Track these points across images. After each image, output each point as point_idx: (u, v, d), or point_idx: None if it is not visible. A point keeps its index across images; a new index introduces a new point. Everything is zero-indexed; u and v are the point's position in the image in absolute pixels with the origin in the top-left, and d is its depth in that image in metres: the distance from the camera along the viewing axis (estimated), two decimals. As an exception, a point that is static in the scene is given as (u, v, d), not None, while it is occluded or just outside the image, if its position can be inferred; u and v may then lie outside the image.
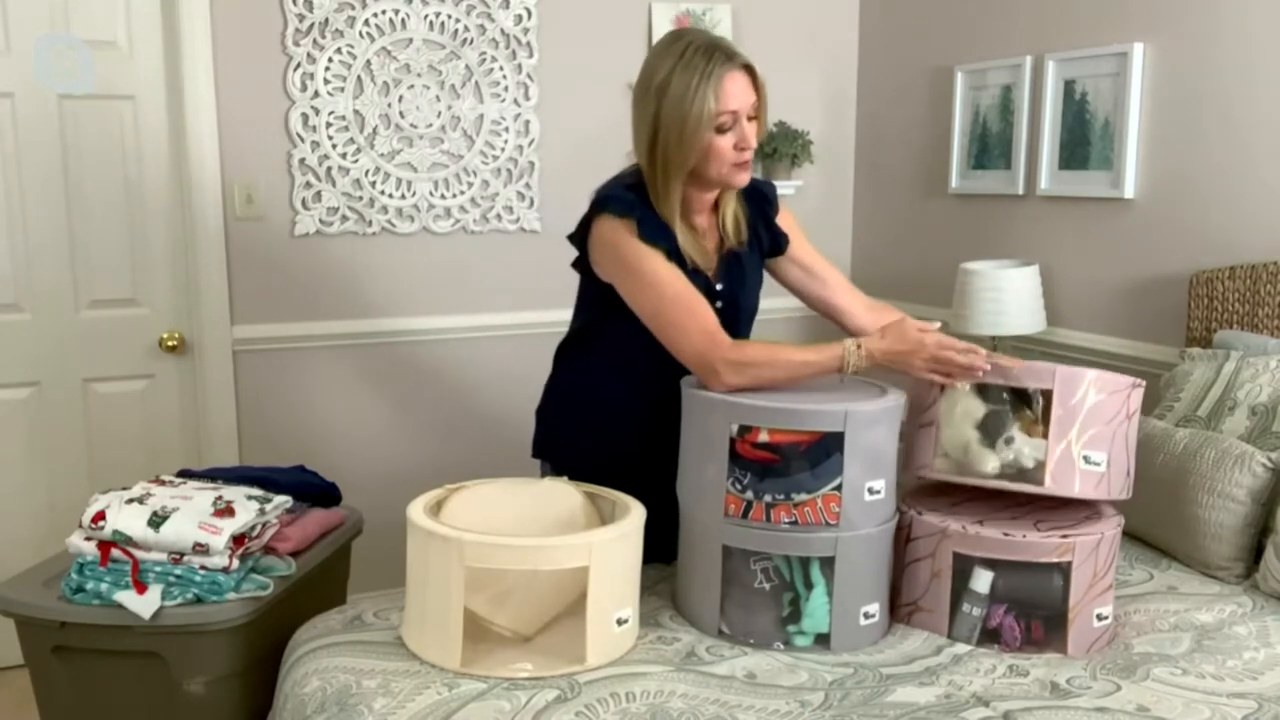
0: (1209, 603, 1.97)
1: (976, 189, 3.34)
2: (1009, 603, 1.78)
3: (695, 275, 1.93)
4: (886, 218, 3.78)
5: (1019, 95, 3.15)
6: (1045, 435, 1.78)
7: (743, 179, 1.91)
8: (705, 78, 1.79)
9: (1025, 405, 1.82)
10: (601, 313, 2.00)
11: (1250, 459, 2.08)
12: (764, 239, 2.08)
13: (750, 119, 1.86)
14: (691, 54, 1.81)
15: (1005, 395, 1.82)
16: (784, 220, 2.11)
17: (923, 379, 1.85)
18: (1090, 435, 1.78)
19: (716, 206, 2.02)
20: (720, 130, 1.83)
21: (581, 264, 2.01)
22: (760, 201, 2.07)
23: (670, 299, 1.85)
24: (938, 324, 1.90)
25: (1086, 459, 1.79)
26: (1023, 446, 1.80)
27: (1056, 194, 3.06)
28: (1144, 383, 1.89)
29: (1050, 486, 1.78)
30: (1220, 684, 1.66)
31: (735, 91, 1.82)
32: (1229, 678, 1.68)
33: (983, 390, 1.83)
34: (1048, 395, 1.78)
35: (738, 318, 2.03)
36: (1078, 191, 3.00)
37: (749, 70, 1.85)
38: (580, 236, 1.97)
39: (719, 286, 1.99)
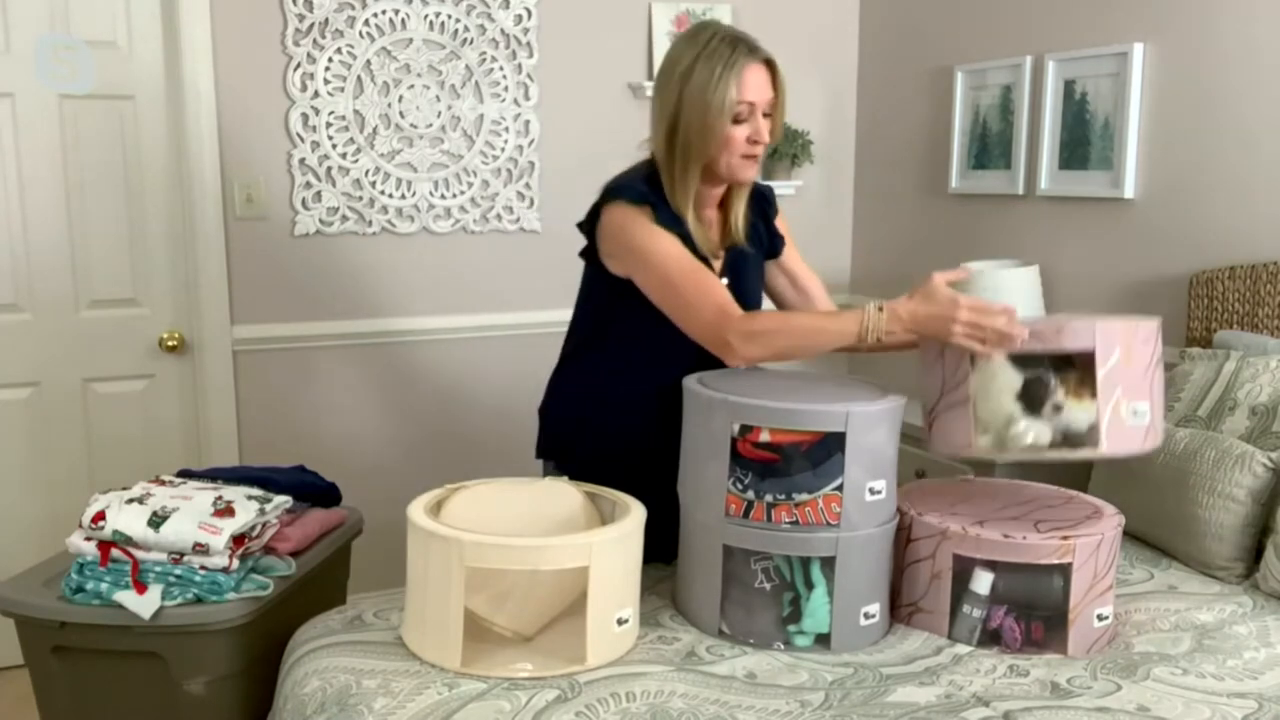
0: (1209, 602, 1.97)
1: (976, 189, 3.34)
2: (1009, 604, 1.78)
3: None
4: (886, 218, 3.78)
5: (1019, 95, 3.15)
6: (1093, 396, 1.71)
7: (749, 174, 1.92)
8: (729, 67, 1.81)
9: (1065, 367, 1.74)
10: (607, 306, 2.00)
11: (1250, 459, 2.08)
12: (764, 239, 2.09)
13: (766, 115, 1.88)
14: (716, 44, 1.83)
15: (1043, 360, 1.73)
16: (780, 225, 2.13)
17: (955, 347, 1.73)
18: (1133, 387, 1.73)
19: (723, 203, 2.02)
20: (737, 121, 1.84)
21: (589, 253, 2.00)
22: (762, 202, 2.09)
23: (680, 276, 1.84)
24: (971, 269, 1.76)
25: (1134, 412, 1.73)
26: (1072, 411, 1.73)
27: (1056, 194, 3.06)
28: (1161, 318, 1.85)
29: (1107, 449, 1.72)
30: (1220, 684, 1.66)
31: (755, 84, 1.84)
32: (1229, 677, 1.68)
33: (1017, 358, 1.74)
34: (1089, 355, 1.71)
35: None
36: (1078, 191, 3.00)
37: (770, 65, 1.87)
38: (590, 225, 1.97)
39: (725, 280, 1.99)
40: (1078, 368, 1.74)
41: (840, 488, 1.72)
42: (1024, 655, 1.76)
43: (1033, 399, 1.74)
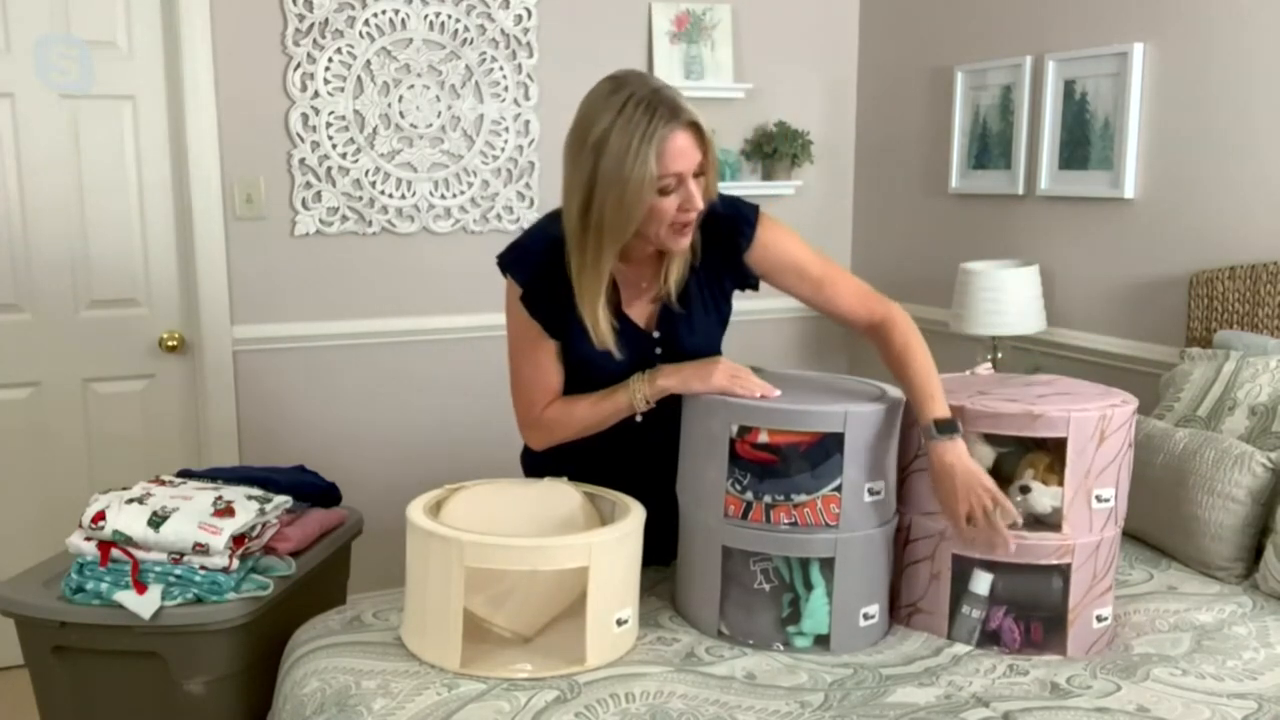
0: (1209, 603, 1.97)
1: (976, 189, 3.34)
2: (1008, 605, 1.78)
3: (617, 336, 1.82)
4: (886, 218, 3.78)
5: (1019, 95, 3.15)
6: (1060, 482, 1.75)
7: (681, 243, 1.75)
8: (646, 139, 1.62)
9: (1036, 446, 1.80)
10: None
11: (1250, 459, 2.07)
12: (725, 281, 1.91)
13: (698, 176, 1.70)
14: (632, 109, 1.63)
15: (1016, 439, 1.79)
16: (768, 236, 1.86)
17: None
18: (1101, 474, 1.76)
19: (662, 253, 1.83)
20: (664, 192, 1.67)
21: None
22: (729, 236, 1.86)
23: (516, 362, 1.91)
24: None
25: (1098, 498, 1.76)
26: (1039, 495, 1.77)
27: (1056, 194, 3.06)
28: (1137, 400, 1.86)
29: (1069, 534, 1.75)
30: (1220, 684, 1.66)
31: (679, 151, 1.65)
32: (1229, 678, 1.68)
33: (992, 435, 1.79)
34: (1061, 442, 1.75)
35: None
36: (1078, 191, 2.99)
37: (694, 127, 1.67)
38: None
39: (656, 334, 1.89)
40: (1050, 450, 1.78)
41: (839, 488, 1.72)
42: (1023, 656, 1.76)
43: (1002, 475, 1.78)
